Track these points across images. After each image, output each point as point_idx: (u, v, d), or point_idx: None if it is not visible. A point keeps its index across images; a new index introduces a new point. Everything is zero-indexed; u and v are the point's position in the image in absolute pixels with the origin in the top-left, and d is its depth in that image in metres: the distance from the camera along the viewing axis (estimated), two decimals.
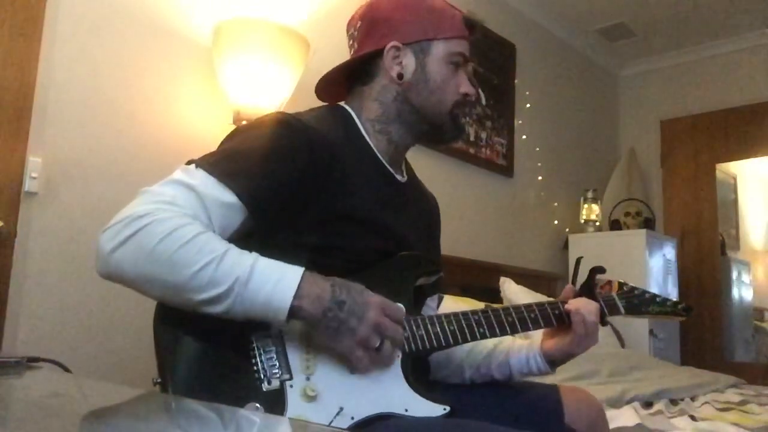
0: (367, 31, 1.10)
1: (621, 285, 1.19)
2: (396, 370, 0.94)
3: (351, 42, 1.14)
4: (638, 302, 1.19)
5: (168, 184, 0.88)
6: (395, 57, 1.07)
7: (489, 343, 1.17)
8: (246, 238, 0.91)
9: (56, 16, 1.73)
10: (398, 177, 1.11)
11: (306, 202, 0.94)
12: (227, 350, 0.88)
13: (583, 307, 1.08)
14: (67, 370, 1.28)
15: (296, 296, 0.83)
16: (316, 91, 1.16)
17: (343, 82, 1.15)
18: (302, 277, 0.85)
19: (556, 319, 1.10)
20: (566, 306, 1.10)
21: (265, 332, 0.89)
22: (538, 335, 1.16)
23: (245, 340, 0.88)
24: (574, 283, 1.18)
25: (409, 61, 1.07)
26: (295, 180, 0.93)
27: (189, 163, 0.91)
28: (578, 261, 1.20)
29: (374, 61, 1.09)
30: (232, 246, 0.85)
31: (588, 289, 1.15)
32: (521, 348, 1.14)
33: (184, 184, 0.87)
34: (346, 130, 1.05)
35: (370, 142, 1.08)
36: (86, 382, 1.18)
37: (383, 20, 1.08)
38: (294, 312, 0.83)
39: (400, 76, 1.07)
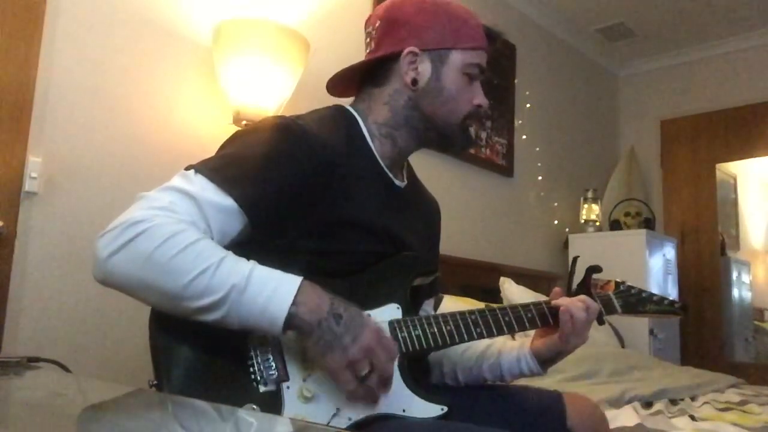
0: (386, 32, 1.07)
1: (618, 284, 1.19)
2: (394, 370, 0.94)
3: (368, 40, 1.12)
4: (635, 301, 1.18)
5: (166, 190, 0.87)
6: (411, 62, 1.05)
7: (481, 344, 1.16)
8: (244, 243, 0.90)
9: (56, 16, 1.73)
10: (397, 182, 1.10)
11: (305, 207, 0.94)
12: (223, 352, 0.88)
13: (571, 304, 1.07)
14: (67, 370, 1.29)
15: (294, 303, 0.82)
16: (327, 87, 1.14)
17: (354, 81, 1.13)
18: (300, 286, 0.84)
19: (552, 318, 1.10)
20: (554, 303, 1.09)
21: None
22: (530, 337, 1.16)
23: (241, 342, 0.88)
24: (570, 282, 1.19)
25: (425, 68, 1.05)
26: (294, 186, 0.92)
27: (188, 168, 0.90)
28: (575, 260, 1.21)
29: (389, 64, 1.07)
30: (229, 253, 0.84)
31: (584, 289, 1.15)
32: (512, 349, 1.14)
33: (183, 190, 0.87)
34: (348, 133, 1.04)
35: (372, 146, 1.06)
36: (86, 382, 1.18)
37: (403, 23, 1.06)
38: (290, 320, 0.82)
39: (415, 82, 1.05)
